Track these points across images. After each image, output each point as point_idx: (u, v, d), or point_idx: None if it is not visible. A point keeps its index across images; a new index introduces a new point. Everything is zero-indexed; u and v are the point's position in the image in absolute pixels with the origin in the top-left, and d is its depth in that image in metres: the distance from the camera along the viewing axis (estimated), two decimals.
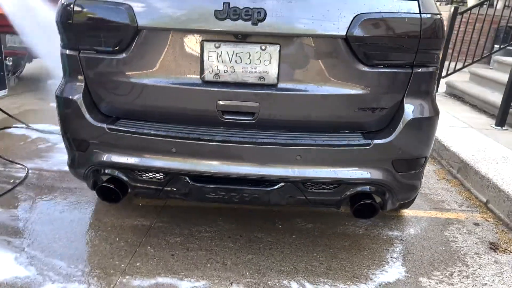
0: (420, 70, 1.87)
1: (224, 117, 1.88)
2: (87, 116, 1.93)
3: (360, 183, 1.93)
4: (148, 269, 2.16)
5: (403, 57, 1.83)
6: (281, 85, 1.85)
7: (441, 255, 2.43)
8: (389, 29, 1.78)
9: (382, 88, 1.86)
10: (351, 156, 1.88)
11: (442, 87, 6.38)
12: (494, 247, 2.54)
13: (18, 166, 3.26)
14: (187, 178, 1.92)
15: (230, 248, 2.38)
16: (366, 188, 1.94)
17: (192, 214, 2.69)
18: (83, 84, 1.96)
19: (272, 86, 1.84)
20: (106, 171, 1.99)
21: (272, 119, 1.88)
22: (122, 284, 2.04)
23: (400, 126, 1.87)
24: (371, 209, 1.97)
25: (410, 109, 1.88)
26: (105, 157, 1.97)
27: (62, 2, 1.89)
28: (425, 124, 1.93)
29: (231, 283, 2.09)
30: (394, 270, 2.27)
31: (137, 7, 1.79)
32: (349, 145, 1.86)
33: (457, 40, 6.20)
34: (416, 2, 1.82)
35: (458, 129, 4.35)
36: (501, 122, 4.49)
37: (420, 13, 1.80)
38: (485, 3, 6.59)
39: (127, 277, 2.09)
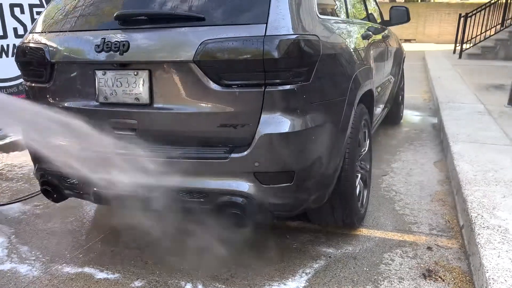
0: (274, 88, 1.95)
1: (115, 132, 2.22)
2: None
3: (225, 194, 2.06)
4: (84, 260, 2.58)
5: (252, 77, 1.94)
6: (154, 104, 2.11)
7: (359, 275, 2.35)
8: (232, 52, 1.92)
9: (238, 106, 1.98)
10: (213, 169, 2.03)
11: None
12: (428, 274, 2.34)
13: None
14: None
15: (162, 250, 2.67)
16: (235, 198, 2.06)
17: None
18: None
19: (146, 105, 2.11)
20: (46, 177, 2.48)
21: (149, 134, 2.16)
22: (55, 269, 2.49)
23: (254, 141, 1.97)
24: (238, 218, 2.08)
25: (264, 126, 1.96)
26: (44, 165, 2.46)
27: (16, 46, 2.47)
28: (283, 139, 1.97)
29: (137, 279, 2.38)
30: (293, 284, 2.29)
31: (50, 47, 2.26)
32: (209, 158, 2.02)
33: None
34: (264, 25, 1.92)
35: (492, 146, 3.88)
36: None
37: (264, 35, 1.90)
38: None
39: (64, 264, 2.54)
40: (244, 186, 2.03)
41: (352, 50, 2.53)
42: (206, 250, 2.64)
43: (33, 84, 2.43)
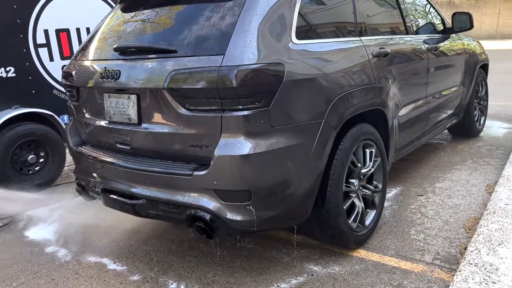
0: (230, 114, 2.11)
1: (117, 146, 2.60)
2: (69, 140, 2.98)
3: (191, 207, 2.28)
4: (106, 252, 3.03)
5: (211, 103, 2.13)
6: (142, 124, 2.43)
7: None
8: (193, 81, 2.13)
9: (202, 128, 2.19)
10: (181, 184, 2.27)
11: None
12: None
13: None
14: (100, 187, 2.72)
15: (170, 249, 3.00)
16: (200, 213, 2.27)
17: None
18: (72, 121, 3.04)
19: (135, 125, 2.44)
20: (79, 180, 2.98)
21: (139, 150, 2.48)
22: (82, 257, 2.98)
23: (213, 161, 2.16)
24: (204, 230, 2.29)
25: (221, 147, 2.13)
26: (76, 168, 2.98)
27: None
28: (237, 161, 2.11)
29: (137, 273, 2.74)
30: None
31: (74, 74, 2.74)
32: (177, 174, 2.27)
33: None
34: (221, 56, 2.10)
35: None
36: None
37: (219, 66, 2.08)
38: None
39: (91, 253, 3.02)
40: (207, 201, 2.23)
41: (339, 72, 2.51)
42: (203, 255, 2.89)
43: (71, 103, 2.94)
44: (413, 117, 3.50)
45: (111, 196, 2.63)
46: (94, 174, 2.74)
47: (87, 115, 2.80)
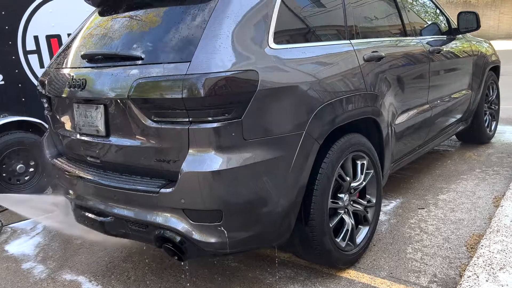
0: (198, 126, 1.93)
1: (88, 159, 2.45)
2: (46, 152, 2.85)
3: (158, 227, 2.10)
4: (83, 269, 2.88)
5: (176, 115, 1.95)
6: (110, 137, 2.26)
7: None
8: (157, 90, 1.96)
9: (169, 142, 2.01)
10: (148, 201, 2.08)
11: None
12: None
13: None
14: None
15: (150, 267, 2.83)
16: (168, 233, 2.09)
17: None
18: (48, 132, 2.90)
19: (103, 137, 2.28)
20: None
21: (108, 164, 2.32)
22: (58, 274, 2.84)
23: (179, 178, 1.98)
24: (174, 252, 2.11)
25: (188, 163, 1.95)
26: (53, 181, 2.83)
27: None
28: (205, 178, 1.92)
29: None
30: None
31: (46, 82, 2.60)
32: (143, 190, 2.09)
33: None
34: (187, 64, 1.93)
35: None
36: None
37: (185, 74, 1.90)
38: None
39: (68, 270, 2.88)
40: (175, 222, 2.05)
41: (323, 79, 2.30)
42: (183, 273, 2.72)
43: (46, 113, 2.80)
44: (413, 124, 3.27)
45: (82, 212, 2.48)
46: (67, 188, 2.59)
47: (60, 126, 2.65)
